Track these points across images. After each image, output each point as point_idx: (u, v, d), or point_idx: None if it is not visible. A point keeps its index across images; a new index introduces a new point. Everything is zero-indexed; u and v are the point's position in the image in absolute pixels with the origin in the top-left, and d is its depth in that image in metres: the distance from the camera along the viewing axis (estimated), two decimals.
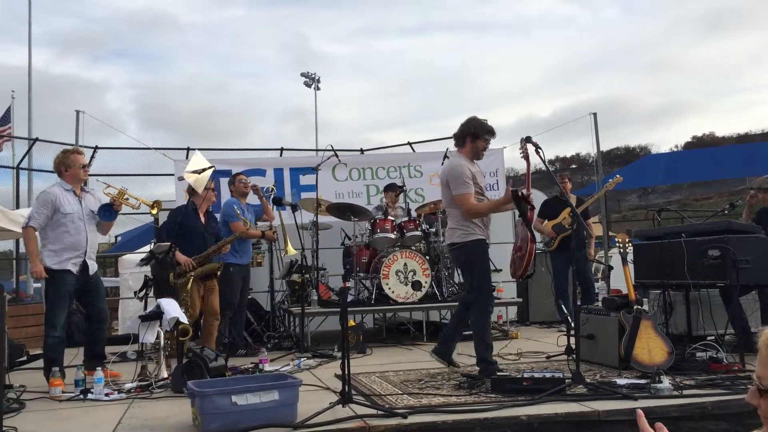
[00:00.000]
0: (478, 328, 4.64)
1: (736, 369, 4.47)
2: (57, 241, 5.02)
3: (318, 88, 30.74)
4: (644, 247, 5.52)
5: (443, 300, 7.16)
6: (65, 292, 5.04)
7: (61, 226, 5.02)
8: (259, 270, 7.94)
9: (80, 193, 5.20)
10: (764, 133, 43.21)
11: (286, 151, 11.20)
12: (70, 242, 5.04)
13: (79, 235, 5.08)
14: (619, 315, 4.79)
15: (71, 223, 5.05)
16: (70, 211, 5.05)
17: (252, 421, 3.37)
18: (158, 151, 9.50)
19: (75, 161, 5.17)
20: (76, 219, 5.08)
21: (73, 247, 5.05)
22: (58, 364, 4.86)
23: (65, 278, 5.02)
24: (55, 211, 5.01)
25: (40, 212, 5.00)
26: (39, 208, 5.04)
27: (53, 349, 4.98)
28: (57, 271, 5.00)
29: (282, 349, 6.69)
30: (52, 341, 4.98)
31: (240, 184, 6.68)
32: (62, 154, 5.27)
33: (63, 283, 5.02)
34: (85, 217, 5.15)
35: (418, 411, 3.63)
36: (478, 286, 4.64)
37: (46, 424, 3.81)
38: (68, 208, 5.04)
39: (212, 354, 4.67)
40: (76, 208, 5.10)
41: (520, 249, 4.62)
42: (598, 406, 3.65)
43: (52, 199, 5.01)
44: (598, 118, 10.16)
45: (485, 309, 4.64)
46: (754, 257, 4.63)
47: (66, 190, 5.13)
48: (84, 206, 5.17)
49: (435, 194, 8.81)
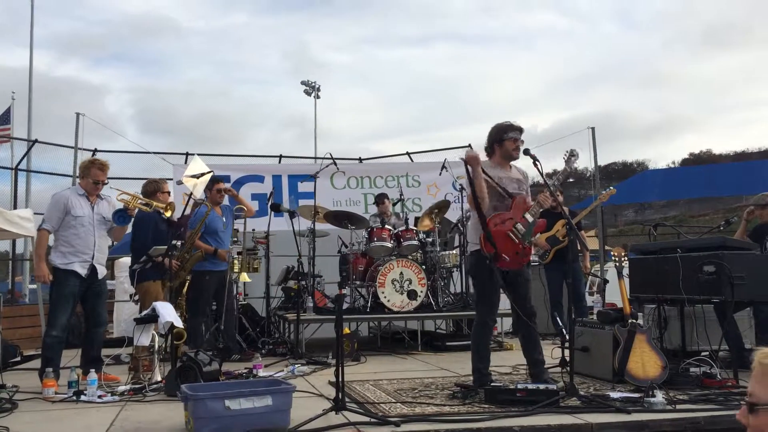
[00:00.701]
0: (473, 340, 4.63)
1: (730, 385, 4.47)
2: (66, 243, 5.13)
3: (318, 97, 30.81)
4: (640, 262, 5.54)
5: (438, 310, 7.17)
6: (69, 292, 5.09)
7: (71, 228, 5.14)
8: (255, 276, 7.94)
9: (94, 199, 5.30)
10: (761, 151, 43.40)
11: (285, 158, 11.24)
12: (78, 244, 5.14)
13: (87, 238, 5.19)
14: (613, 328, 4.80)
15: (81, 226, 5.16)
16: (80, 215, 5.17)
17: (245, 425, 3.37)
18: (157, 155, 9.53)
19: (92, 175, 5.30)
20: (86, 222, 5.20)
21: (81, 250, 5.15)
22: (55, 364, 4.88)
23: (70, 279, 5.09)
24: (66, 213, 5.13)
25: (52, 214, 5.16)
26: (51, 210, 5.19)
27: (50, 349, 5.01)
28: (62, 271, 5.09)
29: (276, 355, 6.67)
30: (51, 340, 5.02)
31: (216, 194, 6.41)
32: (87, 161, 5.48)
33: (67, 283, 5.08)
34: (95, 222, 5.26)
35: (411, 420, 3.63)
36: (476, 299, 4.65)
37: (38, 425, 3.80)
38: (78, 212, 5.17)
39: (206, 358, 4.67)
40: (87, 212, 5.22)
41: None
42: (591, 418, 3.65)
43: (64, 202, 5.16)
44: (595, 132, 10.25)
45: (480, 323, 4.54)
46: (749, 274, 4.65)
47: (80, 194, 5.28)
48: (96, 211, 5.28)
49: (432, 204, 8.85)
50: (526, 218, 4.45)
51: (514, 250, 4.40)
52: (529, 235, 4.44)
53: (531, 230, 4.46)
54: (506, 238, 4.39)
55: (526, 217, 4.45)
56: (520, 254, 4.43)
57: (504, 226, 4.41)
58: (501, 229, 4.40)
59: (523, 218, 4.44)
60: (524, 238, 4.42)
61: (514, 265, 4.42)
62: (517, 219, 4.43)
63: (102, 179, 5.33)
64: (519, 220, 4.43)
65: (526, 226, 4.43)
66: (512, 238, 4.39)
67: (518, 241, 4.40)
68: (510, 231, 4.40)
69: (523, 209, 4.46)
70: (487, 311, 4.54)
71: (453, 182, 8.73)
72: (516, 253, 4.40)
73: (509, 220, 4.44)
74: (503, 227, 4.41)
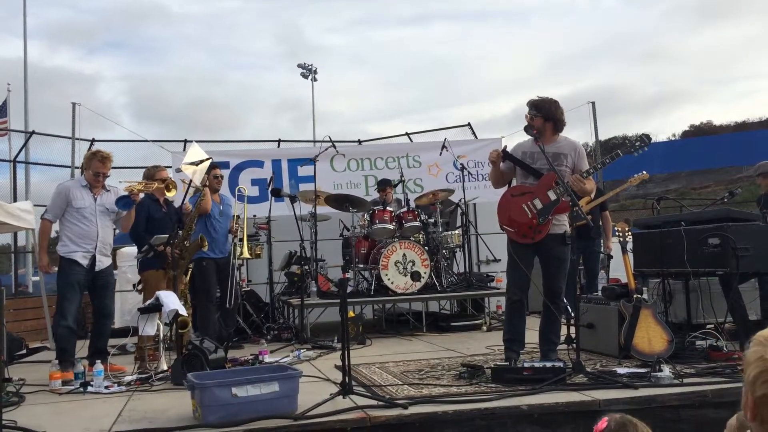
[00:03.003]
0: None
1: (736, 357, 4.46)
2: (69, 232, 5.19)
3: (315, 79, 30.72)
4: (644, 236, 5.51)
5: (442, 291, 7.16)
6: (74, 281, 5.13)
7: (73, 219, 5.20)
8: (258, 262, 7.94)
9: (97, 191, 5.31)
10: (762, 121, 43.18)
11: (283, 143, 11.18)
12: (80, 235, 5.19)
13: (89, 228, 5.21)
14: (619, 304, 4.79)
15: (82, 218, 5.21)
16: (81, 206, 5.22)
17: (252, 412, 3.36)
18: (155, 144, 9.48)
19: (94, 167, 5.29)
20: (87, 213, 5.23)
21: (83, 240, 5.19)
22: (69, 354, 4.93)
23: (73, 268, 5.14)
24: (67, 204, 5.19)
25: (54, 205, 5.25)
26: (53, 200, 5.28)
27: (64, 339, 5.04)
28: (66, 260, 5.15)
29: (281, 340, 6.68)
30: (62, 331, 5.05)
31: (212, 180, 6.30)
32: (91, 154, 5.50)
33: (71, 272, 5.13)
34: (98, 212, 5.27)
35: (419, 401, 3.63)
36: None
37: (46, 417, 3.80)
38: (79, 203, 5.21)
39: (212, 346, 4.67)
40: (89, 203, 5.25)
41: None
42: (598, 395, 3.65)
43: (66, 193, 5.22)
44: (596, 106, 10.17)
45: (507, 299, 4.66)
46: (754, 245, 4.62)
47: (82, 186, 5.30)
48: (99, 202, 5.29)
49: (433, 184, 8.82)
50: (549, 195, 4.39)
51: (527, 224, 4.41)
52: (546, 213, 4.38)
53: (550, 208, 4.38)
54: (520, 211, 4.42)
55: (549, 194, 4.39)
56: (533, 229, 4.40)
57: (521, 198, 4.44)
58: (517, 201, 4.43)
59: (546, 195, 4.39)
60: (539, 215, 4.39)
61: (519, 238, 4.45)
62: (538, 194, 4.41)
63: (103, 171, 5.30)
64: (540, 196, 4.40)
65: (545, 203, 4.39)
66: (525, 212, 4.40)
67: (531, 216, 4.39)
68: (525, 204, 4.40)
69: (547, 187, 4.40)
70: (509, 284, 4.60)
71: (454, 162, 8.69)
72: (529, 227, 4.40)
73: (529, 194, 4.43)
74: (520, 199, 4.43)
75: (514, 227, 4.46)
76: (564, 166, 4.45)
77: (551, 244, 4.45)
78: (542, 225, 4.40)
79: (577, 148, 4.57)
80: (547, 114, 4.50)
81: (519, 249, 4.45)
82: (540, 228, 4.41)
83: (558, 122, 4.53)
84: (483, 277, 7.99)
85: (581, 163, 4.51)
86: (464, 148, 9.13)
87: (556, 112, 4.52)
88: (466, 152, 9.02)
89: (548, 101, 4.56)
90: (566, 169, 4.45)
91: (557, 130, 4.56)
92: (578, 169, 4.48)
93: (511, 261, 4.52)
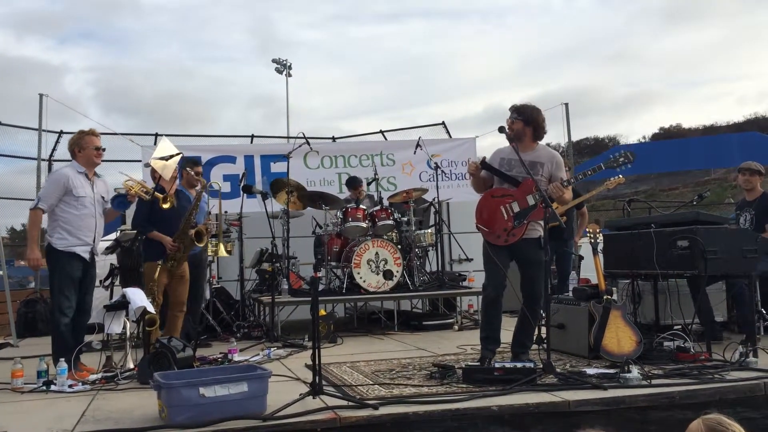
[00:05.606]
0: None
1: (703, 358, 4.53)
2: (67, 224, 4.84)
3: (290, 75, 30.57)
4: (614, 237, 5.56)
5: (415, 290, 7.15)
6: (73, 274, 4.85)
7: (72, 209, 4.85)
8: (228, 259, 7.83)
9: (92, 178, 5.03)
10: (729, 125, 44.10)
11: (257, 138, 11.07)
12: (81, 226, 4.88)
13: (89, 220, 4.93)
14: (589, 305, 4.82)
15: (83, 207, 4.89)
16: (82, 195, 4.89)
17: (220, 413, 3.31)
18: (125, 137, 9.30)
19: (89, 143, 4.98)
20: (88, 203, 4.93)
21: (82, 232, 4.89)
22: (70, 351, 4.67)
23: (73, 262, 4.85)
24: (66, 193, 4.84)
25: (50, 193, 4.84)
26: (50, 188, 4.88)
27: (62, 335, 4.79)
28: (64, 254, 4.82)
29: (251, 338, 6.61)
30: (65, 329, 4.80)
31: (190, 174, 6.05)
32: (78, 134, 5.06)
33: (70, 266, 4.83)
34: (96, 203, 5.00)
35: (390, 402, 3.60)
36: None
37: (8, 417, 3.69)
38: (80, 191, 4.88)
39: (180, 344, 4.58)
40: (89, 192, 4.95)
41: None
42: (568, 396, 3.67)
43: (64, 181, 4.84)
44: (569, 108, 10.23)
45: (484, 296, 4.67)
46: (722, 248, 4.69)
47: (79, 172, 4.95)
48: (96, 191, 5.02)
49: (407, 183, 8.81)
50: (527, 200, 4.45)
51: (502, 226, 4.47)
52: (522, 217, 4.45)
53: (527, 213, 4.45)
54: (497, 212, 4.49)
55: (528, 199, 4.45)
56: (507, 231, 4.46)
57: (501, 200, 4.49)
58: (496, 202, 4.49)
59: (525, 200, 4.45)
60: (515, 218, 4.45)
61: (493, 239, 4.50)
62: (517, 198, 4.46)
63: (100, 145, 5.02)
64: (519, 200, 4.46)
65: (523, 207, 4.45)
66: (502, 214, 4.47)
67: (507, 218, 4.45)
68: (503, 206, 4.46)
69: (527, 192, 4.46)
70: (486, 282, 4.62)
71: (428, 160, 8.69)
72: (504, 230, 4.47)
73: (509, 197, 4.49)
74: (500, 201, 4.49)
75: (489, 227, 4.51)
76: (540, 175, 4.51)
77: (527, 248, 4.50)
78: (517, 228, 4.46)
79: (555, 158, 4.61)
80: (528, 118, 4.57)
81: (494, 250, 4.48)
82: (514, 231, 4.46)
83: (538, 128, 4.59)
84: (455, 277, 8.00)
85: (558, 173, 4.56)
86: (438, 147, 9.13)
87: (537, 118, 4.59)
88: (440, 151, 9.03)
89: (531, 107, 4.64)
90: (542, 178, 4.51)
91: (537, 137, 4.62)
92: (555, 178, 4.53)
93: (487, 259, 4.55)
